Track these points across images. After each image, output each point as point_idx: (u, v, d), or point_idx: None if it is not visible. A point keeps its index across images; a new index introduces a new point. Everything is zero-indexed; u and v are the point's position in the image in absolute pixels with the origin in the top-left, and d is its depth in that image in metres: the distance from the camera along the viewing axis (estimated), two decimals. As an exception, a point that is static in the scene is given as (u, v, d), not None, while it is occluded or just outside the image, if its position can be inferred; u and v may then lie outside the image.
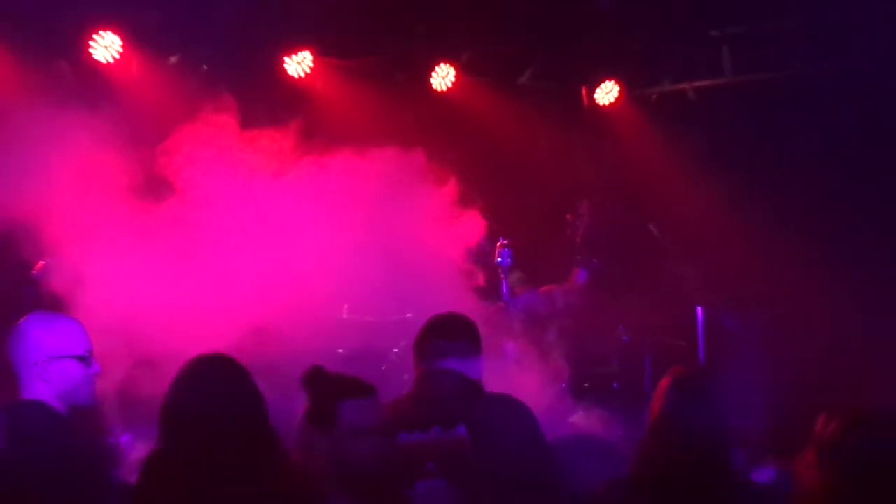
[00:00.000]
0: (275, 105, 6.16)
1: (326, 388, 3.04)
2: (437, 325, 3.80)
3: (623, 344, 6.67)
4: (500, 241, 6.34)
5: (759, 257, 6.55)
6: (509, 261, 6.36)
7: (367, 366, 5.68)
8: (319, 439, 2.96)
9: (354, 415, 2.95)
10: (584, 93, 7.45)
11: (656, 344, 6.56)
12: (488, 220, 6.04)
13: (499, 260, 6.33)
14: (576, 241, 7.03)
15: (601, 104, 7.43)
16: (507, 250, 6.34)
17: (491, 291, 6.29)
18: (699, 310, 6.49)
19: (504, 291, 6.46)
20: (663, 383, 3.17)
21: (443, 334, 3.73)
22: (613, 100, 7.41)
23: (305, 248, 5.66)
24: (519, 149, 7.00)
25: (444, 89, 6.96)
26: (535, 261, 6.90)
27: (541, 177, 7.13)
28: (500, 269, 6.38)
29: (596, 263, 6.96)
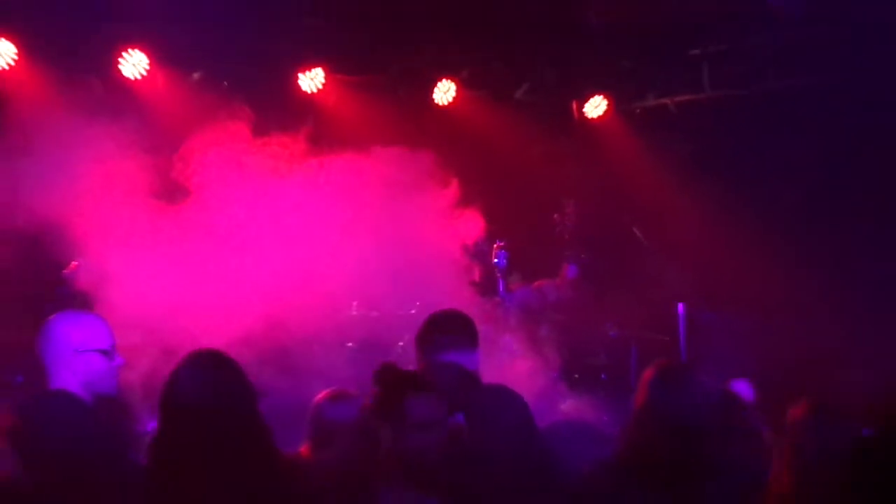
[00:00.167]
0: (289, 116, 6.14)
1: (394, 384, 2.96)
2: (438, 320, 3.77)
3: (610, 338, 6.66)
4: (496, 244, 6.34)
5: (736, 258, 6.54)
6: (505, 261, 6.37)
7: (374, 357, 5.67)
8: (384, 432, 2.87)
9: (419, 409, 2.87)
10: (575, 106, 7.44)
11: (641, 338, 6.55)
12: (486, 223, 6.06)
13: (496, 260, 6.34)
14: (564, 238, 7.02)
15: (590, 117, 7.42)
16: (503, 252, 6.34)
17: (488, 288, 6.29)
18: (680, 307, 6.48)
19: (500, 289, 6.46)
20: (647, 374, 3.16)
21: (443, 329, 3.70)
22: (601, 113, 7.40)
23: (318, 249, 5.65)
24: (514, 157, 7.00)
25: (446, 103, 6.95)
26: (529, 259, 6.88)
27: (534, 183, 7.12)
28: (496, 269, 6.39)
29: (584, 258, 6.95)
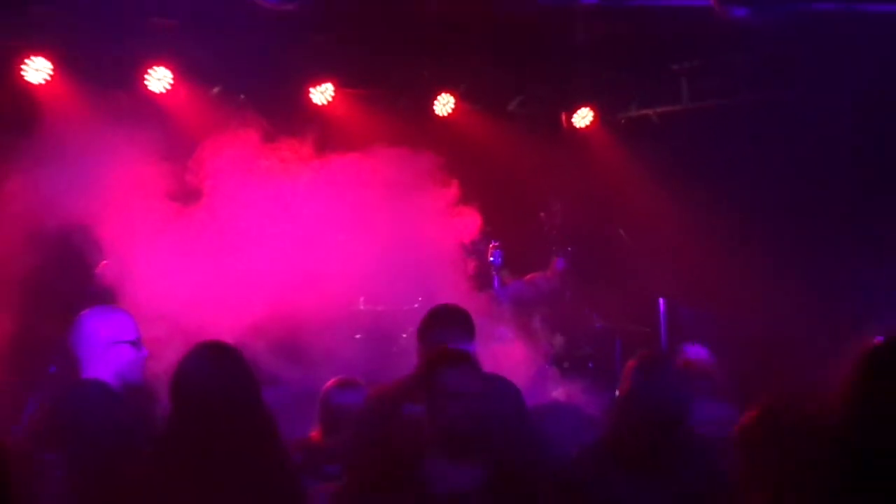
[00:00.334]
0: (300, 126, 6.14)
1: (432, 360, 2.98)
2: (438, 314, 3.76)
3: (596, 330, 6.65)
4: (492, 243, 6.35)
5: (713, 257, 6.53)
6: (500, 260, 6.38)
7: (379, 348, 5.68)
8: (422, 404, 2.88)
9: (452, 380, 2.84)
10: (564, 117, 7.43)
11: (625, 330, 6.54)
12: (483, 223, 6.07)
13: (491, 259, 6.35)
14: (552, 234, 7.01)
15: (578, 127, 7.41)
16: (498, 251, 6.36)
17: (484, 283, 6.29)
18: (661, 301, 6.48)
19: (496, 285, 6.46)
20: (630, 364, 3.16)
21: (442, 322, 3.69)
22: (588, 123, 7.39)
23: (328, 249, 5.65)
24: (508, 164, 6.99)
25: (445, 115, 6.95)
26: (521, 256, 6.88)
27: (527, 187, 7.11)
28: (492, 267, 6.40)
29: (571, 251, 6.95)
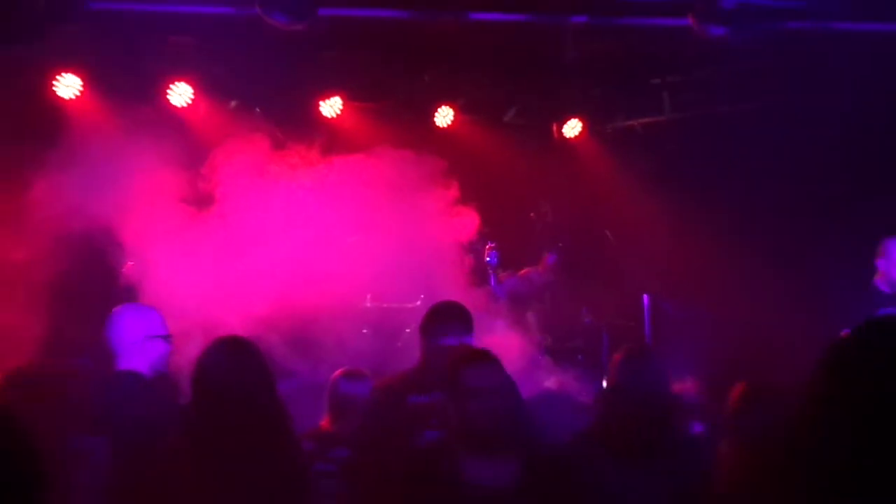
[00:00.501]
0: (311, 137, 6.14)
1: (452, 359, 2.88)
2: (439, 310, 3.74)
3: (585, 324, 6.64)
4: (488, 245, 6.35)
5: (693, 256, 6.52)
6: (496, 260, 6.38)
7: (385, 343, 5.66)
8: (449, 403, 2.79)
9: (473, 378, 2.74)
10: (555, 128, 7.40)
11: (612, 324, 6.52)
12: (480, 225, 6.06)
13: (488, 259, 6.35)
14: (543, 232, 6.99)
15: (568, 137, 7.39)
16: (494, 252, 6.36)
17: (481, 281, 6.29)
18: (645, 297, 6.47)
19: (492, 283, 6.45)
20: (616, 356, 3.14)
21: (442, 318, 3.67)
22: (577, 133, 7.35)
23: (338, 251, 5.65)
24: (503, 171, 6.97)
25: (445, 125, 6.93)
26: (515, 255, 6.87)
27: (521, 193, 7.12)
28: (488, 266, 6.39)
29: (561, 247, 6.94)
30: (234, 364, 2.78)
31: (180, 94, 6.03)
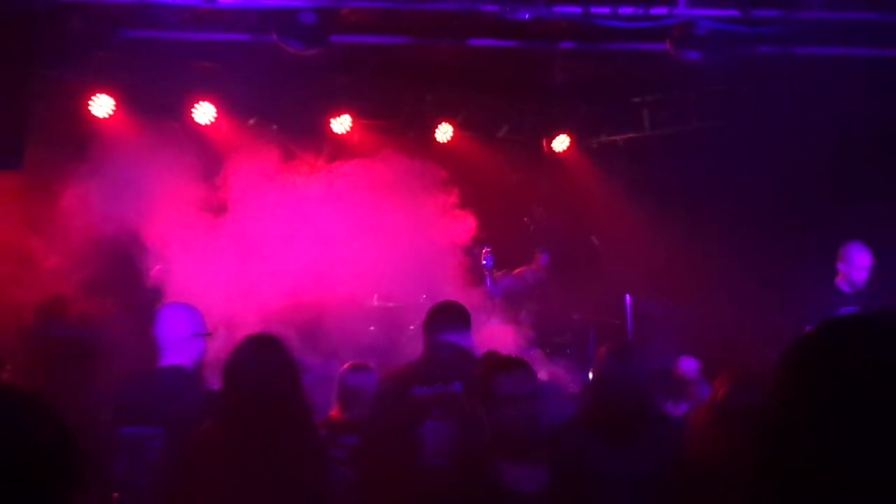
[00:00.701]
0: (323, 151, 6.16)
1: (486, 367, 2.76)
2: (440, 309, 3.72)
3: (574, 321, 6.64)
4: (484, 249, 6.35)
5: (671, 259, 6.53)
6: (491, 263, 6.38)
7: (390, 339, 5.67)
8: (482, 409, 2.66)
9: (505, 385, 2.61)
10: (545, 142, 7.43)
11: (597, 322, 6.53)
12: (477, 230, 6.08)
13: (484, 262, 6.35)
14: (536, 234, 6.98)
15: (557, 151, 7.41)
16: (490, 255, 6.36)
17: (478, 282, 6.29)
18: (627, 297, 6.47)
19: (488, 284, 6.45)
20: (601, 351, 3.15)
21: (443, 316, 3.66)
22: (565, 147, 7.38)
23: (349, 256, 5.66)
24: (498, 182, 6.99)
25: (445, 141, 6.94)
26: (510, 256, 6.86)
27: (514, 202, 7.13)
28: (485, 269, 6.39)
29: (553, 248, 6.93)
30: (263, 359, 2.77)
31: (204, 113, 6.07)
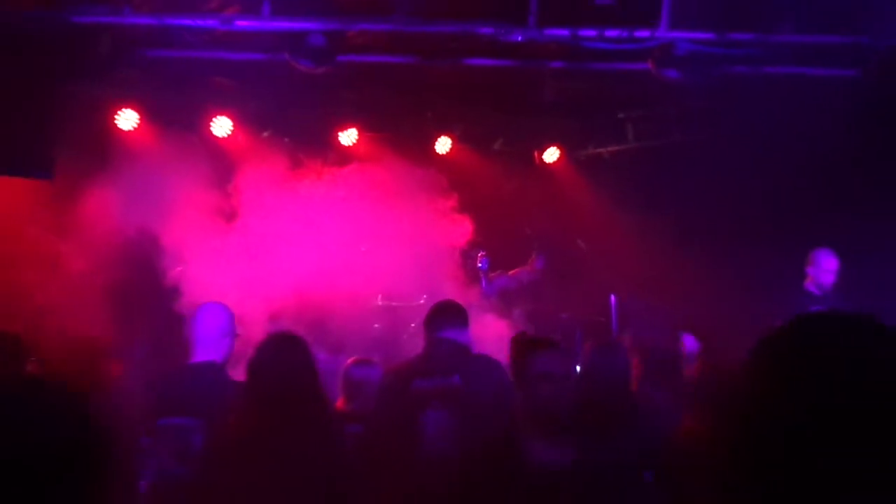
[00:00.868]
0: (331, 162, 6.18)
1: (522, 346, 2.66)
2: (440, 308, 3.75)
3: (562, 319, 6.65)
4: (480, 252, 6.37)
5: (653, 261, 6.56)
6: (486, 265, 6.39)
7: (393, 336, 5.68)
8: (517, 385, 2.55)
9: (543, 363, 2.52)
10: (536, 154, 7.45)
11: (584, 320, 6.54)
12: (474, 235, 6.09)
13: (480, 265, 6.36)
14: (534, 240, 6.96)
15: (547, 162, 7.43)
16: (485, 258, 6.37)
17: (475, 282, 6.30)
18: (612, 297, 6.49)
19: (483, 285, 6.46)
20: (587, 347, 3.16)
21: (443, 315, 3.68)
22: (555, 159, 7.40)
23: (355, 259, 5.68)
24: (493, 192, 7.01)
25: (444, 153, 6.96)
26: (503, 259, 6.86)
27: (507, 210, 7.14)
28: (480, 271, 6.40)
29: (548, 253, 6.92)
30: (285, 355, 2.78)
31: (221, 126, 6.08)
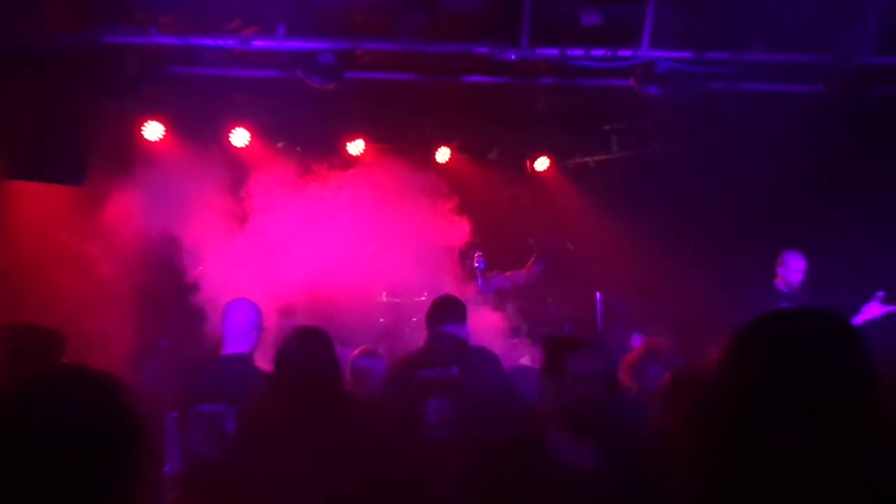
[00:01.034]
0: (340, 169, 6.22)
1: (557, 345, 2.50)
2: (439, 303, 3.77)
3: (551, 314, 6.69)
4: (476, 253, 6.40)
5: (636, 261, 6.60)
6: (483, 264, 6.42)
7: (396, 329, 5.72)
8: (548, 385, 2.39)
9: (578, 364, 2.36)
10: (528, 163, 7.49)
11: (572, 315, 6.59)
12: (470, 237, 6.13)
13: (476, 265, 6.39)
14: (535, 248, 6.96)
15: (538, 170, 7.46)
16: (481, 258, 6.40)
17: (472, 280, 6.33)
18: (598, 294, 6.54)
19: (479, 282, 6.48)
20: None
21: (443, 310, 3.69)
22: (546, 168, 7.43)
23: (362, 259, 5.71)
24: (488, 198, 7.05)
25: (444, 161, 6.99)
26: (497, 259, 6.89)
27: (502, 215, 7.18)
28: (476, 270, 6.43)
29: (546, 262, 6.95)
30: (309, 347, 2.81)
31: (239, 137, 6.12)
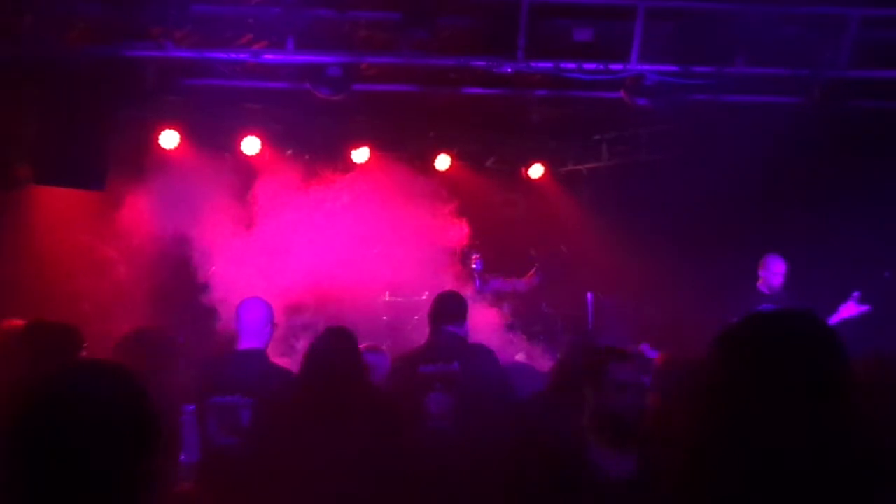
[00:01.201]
0: (345, 175, 6.20)
1: (598, 354, 2.41)
2: (441, 301, 3.73)
3: (545, 314, 6.66)
4: (475, 255, 6.37)
5: (625, 264, 6.57)
6: (480, 266, 6.40)
7: (399, 328, 5.69)
8: (589, 395, 2.30)
9: (620, 372, 2.26)
10: (523, 170, 7.46)
11: (565, 314, 6.55)
12: (468, 240, 6.09)
13: (474, 266, 6.36)
14: (536, 260, 6.88)
15: (533, 177, 7.43)
16: (479, 260, 6.38)
17: (470, 279, 6.30)
18: (589, 295, 6.50)
19: (477, 283, 6.45)
20: (567, 340, 3.16)
21: (444, 309, 3.65)
22: (540, 175, 7.41)
23: (367, 261, 5.68)
24: (485, 204, 7.02)
25: (444, 169, 6.96)
26: (494, 261, 6.84)
27: (498, 219, 7.16)
28: (475, 271, 6.40)
29: (546, 273, 6.90)
30: (336, 346, 2.80)
31: (251, 145, 6.09)
